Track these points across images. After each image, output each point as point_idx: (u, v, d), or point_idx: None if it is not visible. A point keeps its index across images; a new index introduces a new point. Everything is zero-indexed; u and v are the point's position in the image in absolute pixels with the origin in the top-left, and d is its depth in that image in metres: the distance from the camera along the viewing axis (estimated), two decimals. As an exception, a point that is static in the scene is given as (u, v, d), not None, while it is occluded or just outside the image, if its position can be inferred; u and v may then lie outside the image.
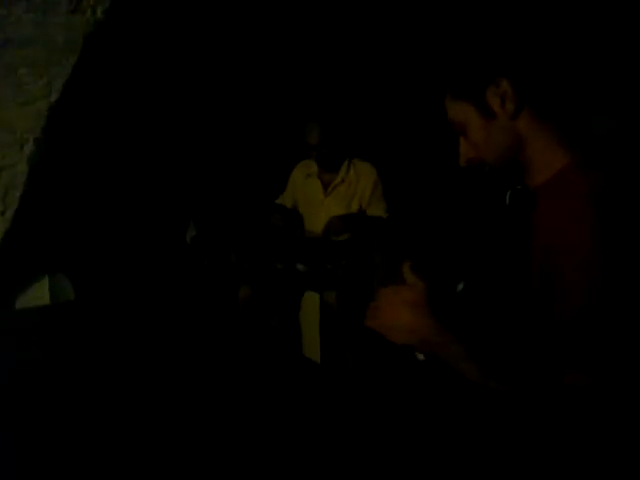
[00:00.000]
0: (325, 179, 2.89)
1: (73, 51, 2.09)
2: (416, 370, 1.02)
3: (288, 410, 1.02)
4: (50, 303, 2.32)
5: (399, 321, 0.95)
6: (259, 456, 0.87)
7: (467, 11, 2.39)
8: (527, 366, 0.86)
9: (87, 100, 2.27)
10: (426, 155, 3.27)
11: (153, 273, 2.74)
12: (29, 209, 2.18)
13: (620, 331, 0.78)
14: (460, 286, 1.04)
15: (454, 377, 0.92)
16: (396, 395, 1.07)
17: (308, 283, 2.59)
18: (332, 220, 2.74)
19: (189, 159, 3.12)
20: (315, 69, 3.27)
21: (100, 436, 0.94)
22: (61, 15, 2.08)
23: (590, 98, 1.01)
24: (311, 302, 2.64)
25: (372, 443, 0.91)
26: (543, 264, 0.87)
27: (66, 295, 2.40)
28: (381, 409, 1.03)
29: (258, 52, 3.14)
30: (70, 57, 2.09)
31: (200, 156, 3.17)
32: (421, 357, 0.99)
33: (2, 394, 1.12)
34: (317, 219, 2.87)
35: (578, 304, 0.80)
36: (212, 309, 2.52)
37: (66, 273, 2.41)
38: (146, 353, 1.35)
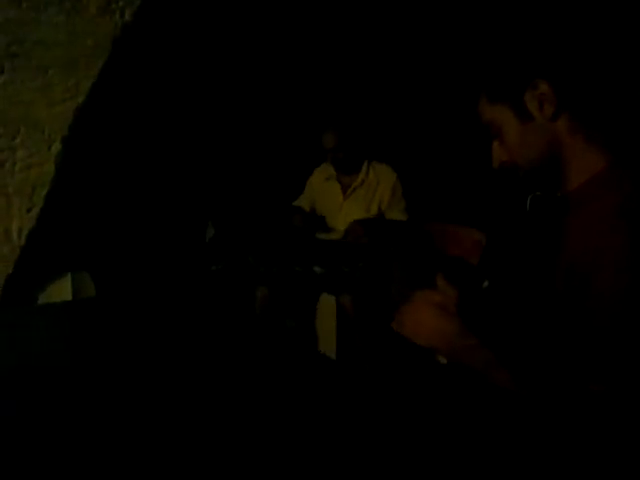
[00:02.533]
0: (344, 182, 2.89)
1: (101, 53, 2.13)
2: (436, 373, 1.04)
3: (302, 408, 1.02)
4: (72, 299, 2.37)
5: (426, 324, 0.97)
6: (271, 453, 0.88)
7: (503, 13, 2.38)
8: (550, 370, 0.86)
9: (114, 101, 2.31)
10: (446, 156, 3.27)
11: (171, 272, 2.77)
12: (55, 207, 2.22)
13: None
14: (485, 284, 1.05)
15: (475, 381, 0.92)
16: (412, 397, 1.07)
17: (325, 286, 2.60)
18: (352, 225, 2.75)
19: (210, 160, 3.15)
20: (333, 73, 3.28)
21: (119, 431, 0.96)
22: (90, 18, 2.13)
23: (630, 100, 1.00)
24: (327, 305, 2.65)
25: (387, 443, 0.91)
26: (574, 265, 0.86)
27: (87, 291, 2.44)
28: (395, 410, 1.03)
29: (277, 57, 3.17)
30: (98, 59, 2.13)
31: (221, 157, 3.20)
32: (442, 359, 1.00)
33: (22, 386, 1.14)
34: (336, 221, 2.88)
35: (612, 306, 0.79)
36: (228, 309, 2.54)
37: (88, 270, 2.46)
38: (163, 351, 1.36)
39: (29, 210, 2.18)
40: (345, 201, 2.87)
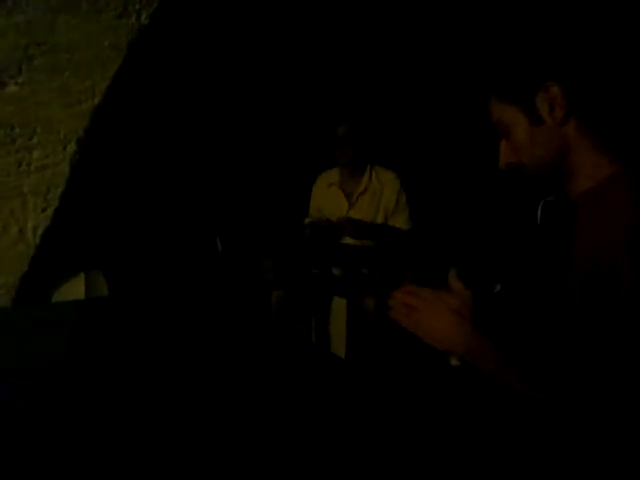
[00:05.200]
0: (347, 189, 2.81)
1: (117, 55, 2.15)
2: (449, 375, 1.04)
3: (310, 409, 1.03)
4: (85, 298, 2.39)
5: (442, 328, 0.95)
6: (278, 452, 0.88)
7: (519, 16, 2.37)
8: (560, 371, 0.87)
9: (129, 103, 2.33)
10: (452, 161, 3.27)
11: (185, 273, 2.79)
12: (69, 207, 2.24)
13: None
14: (497, 287, 1.05)
15: (487, 384, 0.93)
16: (423, 399, 1.08)
17: (343, 288, 2.57)
18: (345, 221, 2.68)
19: (223, 160, 3.16)
20: (342, 79, 3.29)
21: (133, 430, 0.96)
22: (107, 20, 2.15)
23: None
24: (339, 308, 2.65)
25: (395, 443, 0.91)
26: (587, 266, 0.86)
27: (100, 291, 2.46)
28: (405, 411, 1.03)
29: (290, 63, 3.18)
30: (114, 61, 2.15)
31: (232, 158, 3.21)
32: (455, 362, 1.01)
33: (34, 382, 1.15)
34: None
35: (631, 298, 0.78)
36: (243, 312, 2.55)
37: (101, 270, 2.48)
38: (176, 352, 1.37)
39: (44, 210, 2.20)
40: (351, 209, 2.79)
